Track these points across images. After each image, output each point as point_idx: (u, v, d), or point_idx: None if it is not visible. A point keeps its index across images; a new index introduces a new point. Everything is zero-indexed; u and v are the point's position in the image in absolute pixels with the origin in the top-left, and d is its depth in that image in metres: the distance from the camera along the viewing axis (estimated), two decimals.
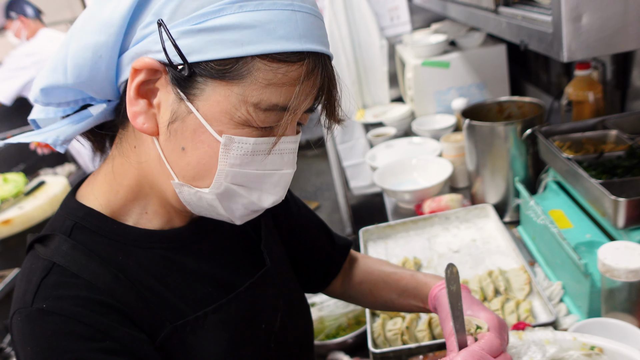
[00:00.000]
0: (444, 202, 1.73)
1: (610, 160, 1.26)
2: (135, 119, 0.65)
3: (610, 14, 0.91)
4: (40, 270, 0.68)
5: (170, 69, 0.62)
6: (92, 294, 0.67)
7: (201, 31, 0.60)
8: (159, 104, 0.65)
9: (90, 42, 0.62)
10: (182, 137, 0.65)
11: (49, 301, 0.65)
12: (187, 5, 0.60)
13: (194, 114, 0.64)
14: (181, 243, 0.78)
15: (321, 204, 4.54)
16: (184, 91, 0.63)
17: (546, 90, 2.29)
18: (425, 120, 2.45)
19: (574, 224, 1.28)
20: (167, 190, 0.71)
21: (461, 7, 1.69)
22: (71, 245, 0.70)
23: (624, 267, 0.98)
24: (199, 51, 0.60)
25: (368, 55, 3.12)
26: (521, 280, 1.29)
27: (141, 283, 0.72)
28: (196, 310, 0.75)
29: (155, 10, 0.61)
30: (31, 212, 2.72)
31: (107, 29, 0.61)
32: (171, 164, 0.68)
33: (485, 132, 1.55)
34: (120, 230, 0.73)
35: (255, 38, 0.60)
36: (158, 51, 0.61)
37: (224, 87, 0.63)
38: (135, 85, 0.63)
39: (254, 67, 0.62)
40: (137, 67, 0.62)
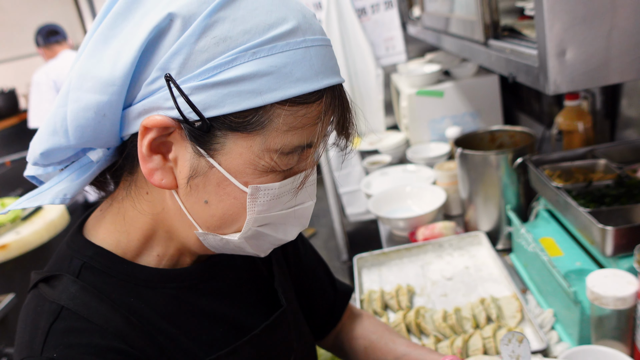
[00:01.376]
0: (437, 229, 1.75)
1: (598, 189, 1.28)
2: (152, 176, 0.62)
3: (594, 49, 0.95)
4: (47, 314, 0.65)
5: (186, 125, 0.59)
6: (104, 340, 0.64)
7: (215, 85, 0.56)
8: (175, 158, 0.62)
9: (91, 102, 0.57)
10: (205, 191, 0.63)
11: (59, 350, 0.61)
12: (195, 58, 0.56)
13: (217, 168, 0.61)
14: (193, 282, 0.75)
15: (318, 231, 4.54)
16: (203, 147, 0.60)
17: (538, 120, 2.33)
18: (419, 148, 2.49)
19: (565, 251, 1.30)
20: (188, 237, 0.70)
21: (454, 39, 1.73)
22: (80, 287, 0.67)
23: (612, 295, 0.99)
24: (215, 106, 0.57)
25: (364, 83, 3.17)
26: (513, 308, 1.30)
27: (153, 326, 0.69)
28: (209, 354, 0.72)
29: (160, 65, 0.56)
30: (28, 237, 2.73)
31: (109, 88, 0.56)
32: (194, 216, 0.66)
33: (477, 161, 1.58)
34: (131, 270, 0.70)
35: (273, 85, 0.57)
36: (170, 108, 0.57)
37: (245, 139, 0.60)
38: (147, 143, 0.59)
39: (274, 114, 0.59)
40: (147, 126, 0.58)
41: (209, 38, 0.55)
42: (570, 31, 0.93)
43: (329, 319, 1.07)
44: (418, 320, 1.34)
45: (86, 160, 0.66)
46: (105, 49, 0.58)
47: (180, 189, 0.64)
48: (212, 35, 0.55)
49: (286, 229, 0.71)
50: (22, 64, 3.88)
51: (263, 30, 0.57)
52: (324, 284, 1.06)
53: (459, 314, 1.34)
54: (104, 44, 0.58)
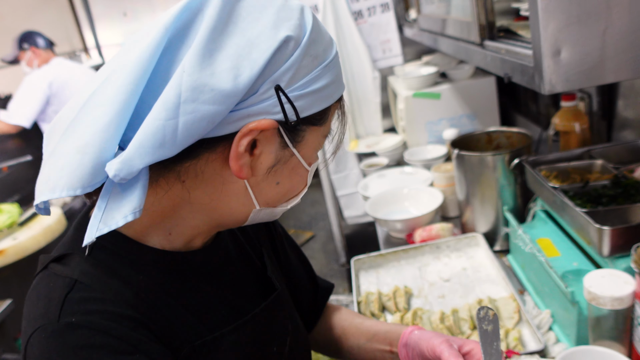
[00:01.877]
0: (434, 231, 1.75)
1: (595, 189, 1.28)
2: (242, 171, 0.69)
3: (589, 48, 0.95)
4: (61, 287, 0.68)
5: (285, 125, 0.70)
6: (120, 308, 0.68)
7: (310, 93, 0.69)
8: (260, 152, 0.70)
9: (208, 113, 0.62)
10: (280, 175, 0.75)
11: (77, 315, 0.65)
12: (299, 72, 0.68)
13: (296, 156, 0.74)
14: (197, 265, 0.80)
15: (316, 234, 4.54)
16: (292, 140, 0.72)
17: (535, 121, 2.33)
18: (417, 150, 2.49)
19: (562, 252, 1.30)
20: (231, 215, 0.77)
21: (450, 40, 1.73)
22: (92, 264, 0.71)
23: (609, 295, 0.99)
24: (309, 108, 0.70)
25: (361, 86, 3.17)
26: (510, 309, 1.30)
27: (162, 302, 0.73)
28: (213, 331, 0.77)
29: (273, 78, 0.66)
30: (25, 242, 2.72)
31: (229, 100, 0.63)
32: (258, 197, 0.75)
33: (474, 162, 1.58)
34: (140, 251, 0.74)
35: (336, 89, 0.74)
36: (277, 112, 0.67)
37: (317, 130, 0.75)
38: (247, 142, 0.67)
39: (332, 109, 0.77)
40: (255, 128, 0.66)
41: (308, 56, 0.68)
42: (565, 31, 0.93)
43: (311, 315, 1.12)
44: (416, 321, 1.34)
45: None
46: (214, 62, 0.63)
47: (256, 177, 0.73)
48: (310, 54, 0.68)
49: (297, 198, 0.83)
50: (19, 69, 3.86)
51: (328, 48, 0.72)
52: (306, 282, 1.11)
53: (457, 315, 1.33)
54: (209, 58, 0.62)
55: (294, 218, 4.96)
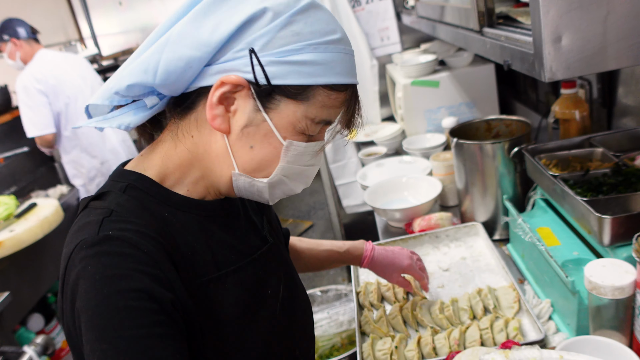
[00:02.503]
0: (433, 220, 1.74)
1: (596, 177, 1.27)
2: (214, 120, 0.81)
3: (590, 35, 0.93)
4: (99, 214, 0.80)
5: (255, 86, 0.79)
6: (149, 231, 0.80)
7: (284, 63, 0.78)
8: (235, 110, 0.81)
9: (184, 55, 0.77)
10: (253, 139, 0.83)
11: (114, 231, 0.77)
12: (275, 42, 0.77)
13: (267, 122, 0.81)
14: (213, 213, 0.92)
15: (315, 223, 4.53)
16: (263, 104, 0.80)
17: (535, 109, 2.31)
18: (415, 139, 2.47)
19: (562, 241, 1.29)
20: (222, 176, 0.87)
21: (449, 27, 1.71)
22: (127, 199, 0.84)
23: (610, 285, 0.98)
24: (281, 77, 0.78)
25: (359, 75, 3.10)
26: (510, 298, 1.29)
27: (181, 237, 0.85)
28: (220, 270, 0.88)
29: (248, 40, 0.77)
30: (22, 234, 2.71)
31: (204, 48, 0.76)
32: (236, 158, 0.84)
33: (473, 151, 1.56)
34: (167, 194, 0.87)
35: (322, 72, 0.80)
36: (247, 72, 0.78)
37: (294, 105, 0.81)
38: (219, 94, 0.79)
39: (317, 93, 0.81)
40: (225, 81, 0.78)
41: (288, 31, 0.77)
42: (565, 17, 0.91)
43: None
44: (415, 312, 1.33)
45: (142, 104, 0.85)
46: (204, 20, 0.77)
47: (233, 134, 0.83)
48: (290, 29, 0.77)
49: (296, 183, 0.91)
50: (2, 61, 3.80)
51: (323, 34, 0.80)
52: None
53: (456, 305, 1.33)
54: (203, 17, 0.77)
55: (293, 208, 4.96)
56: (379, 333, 1.30)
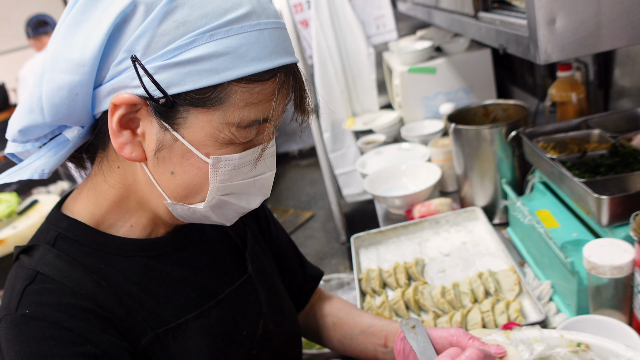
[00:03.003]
0: (433, 206, 1.74)
1: (593, 159, 1.27)
2: (122, 149, 0.67)
3: (584, 16, 0.93)
4: (24, 278, 0.71)
5: (151, 102, 0.64)
6: (75, 300, 0.69)
7: (177, 64, 0.62)
8: (143, 132, 0.67)
9: (64, 82, 0.63)
10: (171, 163, 0.69)
11: (32, 307, 0.67)
12: (158, 40, 0.62)
13: (180, 141, 0.67)
14: (163, 251, 0.80)
15: (315, 213, 4.55)
16: (167, 122, 0.66)
17: (532, 93, 2.31)
18: (413, 126, 2.47)
19: (561, 223, 1.30)
20: (158, 207, 0.75)
21: (444, 13, 1.71)
22: (55, 255, 0.72)
23: (608, 264, 0.99)
24: (177, 84, 0.63)
25: (356, 63, 3.14)
26: (511, 281, 1.31)
27: (123, 290, 0.74)
28: (178, 317, 0.77)
29: (126, 47, 0.62)
30: (24, 231, 2.72)
31: (80, 69, 0.62)
32: (162, 187, 0.71)
33: (471, 136, 1.57)
34: (103, 240, 0.76)
35: (229, 64, 0.63)
36: (136, 86, 0.63)
37: (206, 114, 0.66)
38: (116, 119, 0.65)
39: (231, 91, 0.65)
40: (116, 103, 0.64)
41: (170, 22, 0.61)
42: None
43: (296, 300, 1.11)
44: (417, 297, 1.35)
45: (63, 139, 0.72)
46: (76, 33, 0.63)
47: (149, 161, 0.69)
48: (172, 19, 0.61)
49: (249, 198, 0.77)
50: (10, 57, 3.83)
51: (219, 14, 0.62)
52: (294, 266, 1.11)
53: (457, 289, 1.34)
54: (75, 28, 0.63)
55: (293, 198, 4.97)
56: None
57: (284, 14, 3.15)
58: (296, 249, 1.13)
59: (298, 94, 0.72)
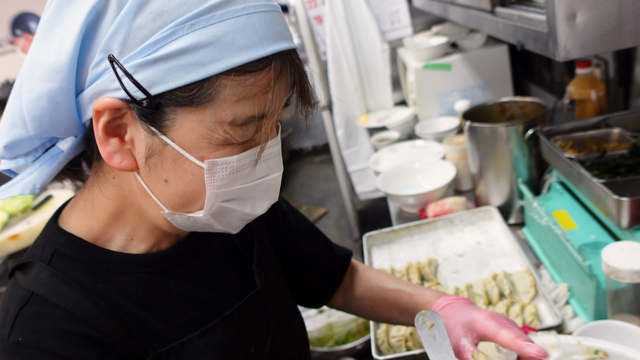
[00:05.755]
0: (447, 205, 1.72)
1: (613, 159, 1.24)
2: (111, 159, 0.62)
3: (606, 11, 0.90)
4: (18, 300, 0.66)
5: (134, 104, 0.59)
6: (71, 325, 0.64)
7: (157, 61, 0.56)
8: (131, 138, 0.62)
9: (43, 91, 0.58)
10: (163, 170, 0.63)
11: (25, 334, 0.63)
12: (135, 35, 0.56)
13: (170, 145, 0.61)
14: (165, 266, 0.75)
15: (329, 210, 4.53)
16: (154, 125, 0.60)
17: (549, 90, 2.27)
18: (428, 123, 2.44)
19: (579, 224, 1.27)
20: (157, 218, 0.70)
21: (460, 9, 1.68)
22: (50, 274, 0.68)
23: (628, 268, 0.96)
24: (160, 82, 0.57)
25: (370, 59, 3.11)
26: (526, 283, 1.28)
27: (123, 310, 0.69)
28: (181, 336, 0.72)
29: (102, 46, 0.57)
30: (39, 226, 2.73)
31: (56, 75, 0.57)
32: (157, 196, 0.66)
33: (487, 134, 1.54)
34: (102, 257, 0.71)
35: (215, 55, 0.57)
36: (116, 89, 0.58)
37: (195, 113, 0.60)
38: (101, 126, 0.60)
39: (221, 85, 0.59)
40: (98, 109, 0.59)
41: (145, 14, 0.55)
42: None
43: (329, 283, 1.08)
44: None
45: (57, 150, 0.66)
46: (51, 37, 0.58)
47: (141, 169, 0.64)
48: (148, 11, 0.55)
49: (254, 203, 0.70)
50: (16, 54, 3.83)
51: (200, 0, 0.56)
52: (321, 251, 1.07)
53: (471, 290, 1.31)
54: (49, 32, 0.58)
55: (307, 195, 4.96)
56: None
57: (297, 9, 3.13)
58: (321, 234, 1.08)
59: (298, 84, 0.65)
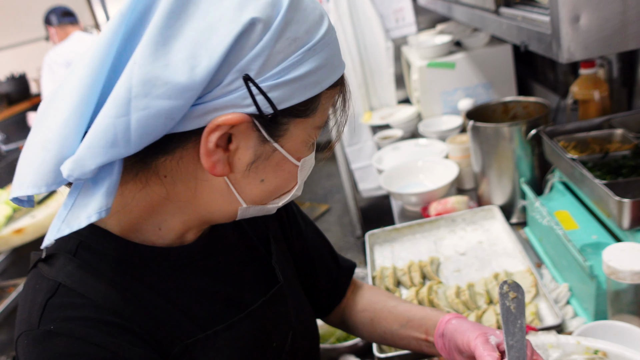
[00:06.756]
0: (450, 204, 1.72)
1: (615, 160, 1.24)
2: (215, 168, 0.65)
3: (609, 13, 0.91)
4: (45, 291, 0.67)
5: (259, 118, 0.63)
6: (101, 314, 0.66)
7: (288, 82, 0.62)
8: (236, 148, 0.65)
9: (163, 109, 0.57)
10: (263, 172, 0.69)
11: (56, 323, 0.64)
12: (273, 59, 0.61)
13: (279, 150, 0.68)
14: (188, 260, 0.77)
15: (331, 207, 4.54)
16: (270, 135, 0.66)
17: (553, 89, 2.27)
18: (431, 121, 2.44)
19: (580, 225, 1.27)
20: (219, 212, 0.73)
21: (464, 8, 1.68)
22: (77, 265, 0.68)
23: (629, 269, 0.97)
24: (287, 99, 0.63)
25: (374, 57, 3.11)
26: (527, 283, 1.28)
27: (150, 302, 0.71)
28: (206, 329, 0.74)
29: (239, 67, 0.60)
30: (43, 220, 2.75)
31: (185, 94, 0.57)
32: (242, 194, 0.70)
33: (489, 133, 1.54)
34: (128, 249, 0.71)
35: (326, 75, 0.66)
36: (247, 105, 0.61)
37: (303, 122, 0.68)
38: (216, 138, 0.62)
39: (322, 97, 0.68)
40: (222, 123, 0.61)
41: (283, 40, 0.61)
42: None
43: (333, 295, 1.08)
44: (431, 296, 1.33)
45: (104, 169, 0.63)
46: (168, 52, 0.58)
47: (237, 173, 0.68)
48: (286, 37, 0.61)
49: (300, 188, 0.77)
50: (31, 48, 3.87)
51: (316, 28, 0.64)
52: (327, 260, 1.07)
53: (473, 289, 1.32)
54: (164, 46, 0.57)
55: (310, 191, 4.96)
56: None
57: None
58: (327, 242, 1.09)
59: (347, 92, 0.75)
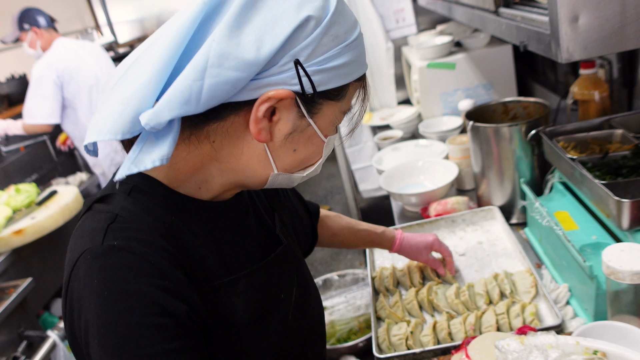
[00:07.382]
0: (450, 204, 1.72)
1: (615, 160, 1.24)
2: (260, 134, 0.78)
3: (608, 13, 0.91)
4: (104, 219, 0.78)
5: (301, 96, 0.78)
6: (155, 239, 0.78)
7: (328, 69, 0.77)
8: (278, 120, 0.79)
9: (231, 78, 0.71)
10: (297, 143, 0.83)
11: (119, 240, 0.75)
12: (319, 50, 0.76)
13: (312, 126, 0.82)
14: (221, 214, 0.90)
15: (332, 207, 4.54)
16: (308, 111, 0.80)
17: (553, 90, 2.27)
18: (431, 122, 2.44)
19: (580, 225, 1.27)
20: (253, 177, 0.86)
21: (464, 8, 1.68)
22: (132, 202, 0.81)
23: (628, 270, 0.96)
24: (325, 84, 0.78)
25: (374, 58, 3.11)
26: (527, 283, 1.28)
27: (189, 242, 0.83)
28: (231, 274, 0.87)
29: (292, 53, 0.74)
30: (43, 221, 2.75)
31: (250, 68, 0.72)
32: (277, 161, 0.84)
33: (489, 134, 1.54)
34: (174, 197, 0.84)
35: (356, 68, 0.81)
36: (294, 84, 0.76)
37: (334, 105, 0.83)
38: (265, 108, 0.76)
39: (350, 87, 0.83)
40: (273, 96, 0.75)
41: (328, 36, 0.76)
42: None
43: (312, 239, 1.27)
44: (430, 297, 1.33)
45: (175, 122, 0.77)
46: (240, 34, 0.72)
47: (275, 142, 0.81)
48: (330, 33, 0.76)
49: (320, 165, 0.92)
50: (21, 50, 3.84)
51: (352, 29, 0.79)
52: (302, 212, 1.23)
53: (472, 290, 1.32)
54: (237, 29, 0.72)
55: (310, 192, 4.96)
56: (394, 318, 1.30)
57: None
58: (297, 193, 1.26)
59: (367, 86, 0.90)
